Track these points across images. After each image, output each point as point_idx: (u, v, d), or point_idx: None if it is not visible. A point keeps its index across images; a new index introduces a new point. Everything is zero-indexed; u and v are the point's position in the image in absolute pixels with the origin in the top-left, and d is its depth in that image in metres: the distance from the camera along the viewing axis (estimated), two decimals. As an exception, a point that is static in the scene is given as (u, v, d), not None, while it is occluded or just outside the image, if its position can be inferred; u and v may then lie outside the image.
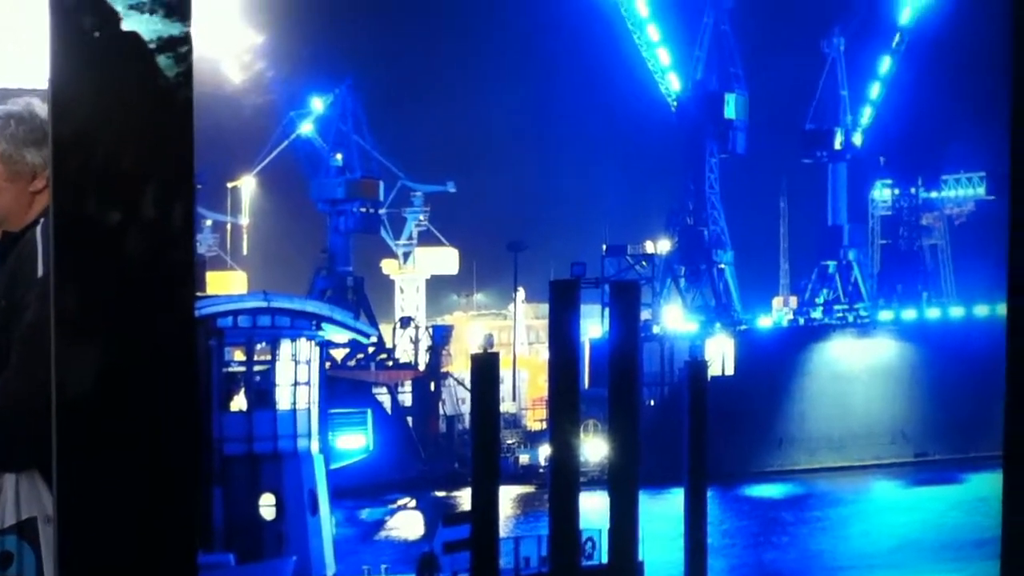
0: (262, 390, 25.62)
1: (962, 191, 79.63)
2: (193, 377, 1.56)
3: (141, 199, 1.43)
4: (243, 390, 26.99)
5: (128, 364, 1.45)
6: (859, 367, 64.56)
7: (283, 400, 25.30)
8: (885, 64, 77.59)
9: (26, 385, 2.87)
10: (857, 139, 77.47)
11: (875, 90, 78.11)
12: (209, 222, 71.49)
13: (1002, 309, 1.89)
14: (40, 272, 3.12)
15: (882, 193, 79.50)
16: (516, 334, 70.42)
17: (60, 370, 1.42)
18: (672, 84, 73.65)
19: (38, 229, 3.27)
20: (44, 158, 3.29)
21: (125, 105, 1.43)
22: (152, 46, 1.45)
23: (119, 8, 1.43)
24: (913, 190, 76.56)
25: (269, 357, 26.23)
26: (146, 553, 1.43)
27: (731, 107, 72.36)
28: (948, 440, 62.69)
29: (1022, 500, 1.74)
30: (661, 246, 71.88)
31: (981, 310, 66.58)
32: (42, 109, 3.37)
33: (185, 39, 1.47)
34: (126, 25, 1.45)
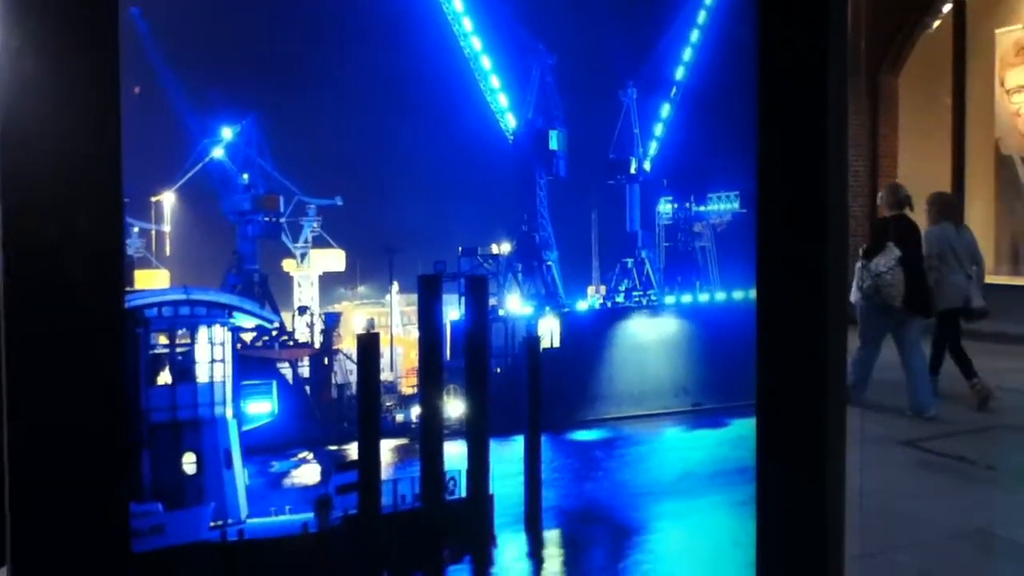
0: (184, 367, 24.60)
1: (723, 206, 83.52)
2: (121, 360, 1.50)
3: (78, 214, 1.39)
4: (168, 368, 25.87)
5: (66, 351, 1.39)
6: (651, 339, 66.99)
7: (202, 375, 24.36)
8: (666, 109, 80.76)
9: None
10: (647, 166, 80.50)
11: (659, 129, 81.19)
12: (137, 229, 68.32)
13: (752, 294, 1.98)
14: None
15: (665, 207, 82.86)
16: (392, 318, 69.90)
17: (11, 355, 1.35)
18: (510, 122, 74.80)
19: None
20: None
21: (63, 137, 1.37)
22: (83, 77, 1.39)
23: (55, 38, 1.37)
24: (687, 205, 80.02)
25: (189, 340, 25.24)
26: (86, 506, 1.38)
27: (554, 141, 73.91)
28: (716, 393, 65.77)
29: (770, 437, 1.84)
30: (504, 248, 72.83)
31: (738, 294, 70.12)
32: None
33: (113, 69, 1.41)
34: (62, 57, 1.38)
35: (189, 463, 2.31)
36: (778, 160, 1.74)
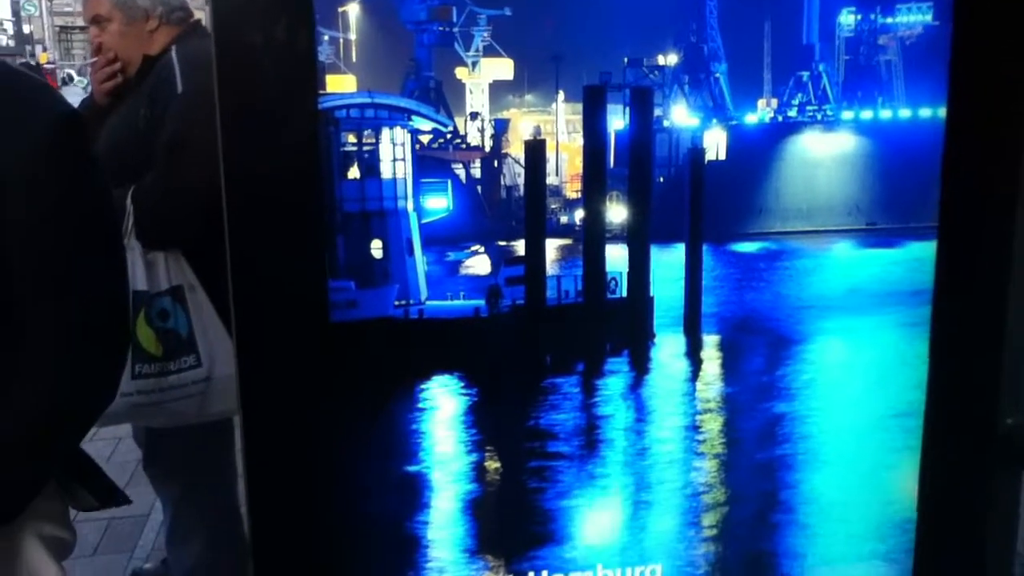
0: (370, 164, 25.51)
1: (912, 17, 74.41)
2: (316, 155, 1.59)
3: (277, 24, 1.45)
4: (356, 164, 27.02)
5: (271, 144, 1.49)
6: (824, 155, 62.68)
7: (385, 172, 25.22)
8: (862, -93, 71.22)
9: (176, 182, 2.67)
10: (833, -29, 72.46)
11: (851, -70, 72.17)
12: (327, 37, 69.53)
13: (942, 112, 1.80)
14: (180, 89, 2.77)
15: (847, 19, 74.84)
16: (557, 126, 69.14)
17: (227, 151, 1.46)
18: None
19: (173, 53, 2.86)
20: (152, 1, 2.93)
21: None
22: None
23: None
24: (873, 16, 72.00)
25: (373, 140, 26.08)
26: (295, 279, 1.53)
27: (733, -55, 67.44)
28: (892, 213, 61.59)
29: (951, 261, 1.73)
30: (670, 59, 68.98)
31: (925, 112, 63.94)
32: None
33: None
34: None
35: (376, 248, 2.44)
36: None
